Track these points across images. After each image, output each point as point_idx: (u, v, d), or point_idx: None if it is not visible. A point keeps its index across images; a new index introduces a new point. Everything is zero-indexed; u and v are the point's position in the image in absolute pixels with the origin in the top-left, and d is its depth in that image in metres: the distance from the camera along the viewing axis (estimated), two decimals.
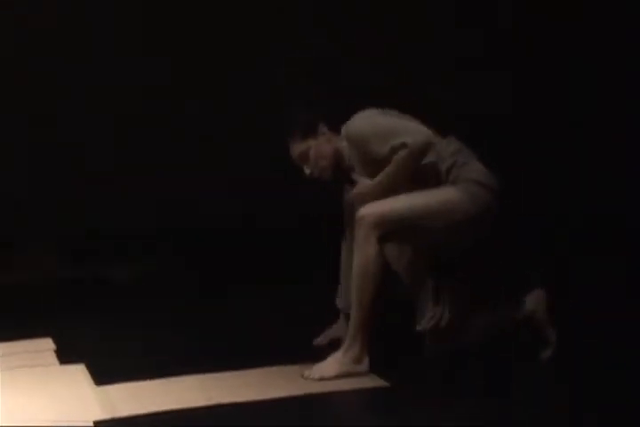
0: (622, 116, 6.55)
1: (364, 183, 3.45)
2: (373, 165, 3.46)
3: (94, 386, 3.25)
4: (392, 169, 3.33)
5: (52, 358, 3.68)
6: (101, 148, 5.74)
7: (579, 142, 6.47)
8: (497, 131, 6.28)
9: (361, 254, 3.36)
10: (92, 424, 2.85)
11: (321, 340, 3.66)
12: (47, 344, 3.86)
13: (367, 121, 3.47)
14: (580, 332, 3.72)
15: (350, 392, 3.16)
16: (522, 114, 6.48)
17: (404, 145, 3.29)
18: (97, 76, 5.77)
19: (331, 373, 3.24)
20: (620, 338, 3.76)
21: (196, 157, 6.01)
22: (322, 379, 3.25)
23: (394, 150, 3.31)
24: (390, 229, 3.37)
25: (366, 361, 3.31)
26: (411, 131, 3.32)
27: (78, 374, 3.42)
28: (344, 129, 3.51)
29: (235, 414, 2.96)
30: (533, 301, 3.49)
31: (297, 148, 3.55)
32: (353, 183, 3.58)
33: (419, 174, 3.36)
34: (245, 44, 6.20)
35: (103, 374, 3.33)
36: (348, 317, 3.53)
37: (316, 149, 3.54)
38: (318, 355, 3.39)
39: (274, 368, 3.37)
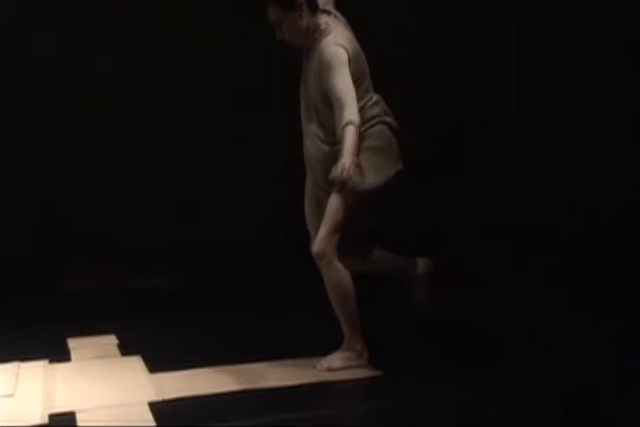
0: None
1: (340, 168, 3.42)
2: (314, 87, 3.58)
3: (148, 374, 3.59)
4: (351, 140, 3.37)
5: (115, 350, 4.02)
6: (156, 167, 5.77)
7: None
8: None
9: (331, 281, 3.56)
10: (146, 405, 3.20)
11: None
12: (111, 340, 4.19)
13: (337, 71, 3.46)
14: None
15: (352, 380, 3.47)
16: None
17: (350, 122, 3.36)
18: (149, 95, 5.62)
19: (337, 365, 3.53)
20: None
21: (242, 171, 5.99)
22: (330, 370, 3.52)
23: (343, 121, 3.38)
24: (337, 238, 3.52)
25: (366, 355, 3.58)
26: (352, 109, 3.37)
27: (135, 363, 3.75)
28: (322, 43, 3.50)
29: (260, 397, 3.29)
30: (422, 264, 3.83)
31: (274, 14, 3.54)
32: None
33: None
34: None
35: (155, 364, 3.67)
36: None
37: (291, 23, 3.52)
38: (326, 351, 3.63)
39: (289, 361, 3.67)
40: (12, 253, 5.46)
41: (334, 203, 3.49)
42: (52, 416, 3.14)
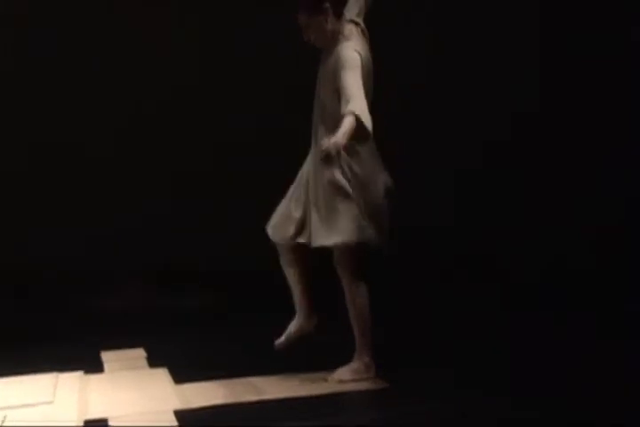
0: None
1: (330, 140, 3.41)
2: (326, 86, 3.63)
3: (174, 384, 3.74)
4: (348, 126, 3.38)
5: (144, 363, 4.18)
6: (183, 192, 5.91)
7: None
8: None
9: (352, 296, 3.67)
10: (172, 413, 3.32)
11: (280, 342, 3.85)
12: (140, 353, 4.34)
13: (352, 66, 3.50)
14: None
15: (360, 391, 3.61)
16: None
17: (352, 113, 3.40)
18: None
19: (347, 377, 3.68)
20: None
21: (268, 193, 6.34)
22: (340, 382, 3.66)
23: (346, 110, 3.41)
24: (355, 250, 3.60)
25: (374, 368, 3.72)
26: (359, 104, 3.41)
27: (162, 375, 3.90)
28: (341, 47, 3.57)
29: (277, 407, 3.43)
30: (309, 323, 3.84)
31: (302, 17, 3.62)
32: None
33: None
34: None
35: (181, 375, 3.82)
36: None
37: (318, 26, 3.60)
38: (337, 365, 3.76)
39: (303, 374, 3.80)
40: (49, 269, 5.65)
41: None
42: (86, 422, 3.29)
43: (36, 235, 5.93)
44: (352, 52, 3.56)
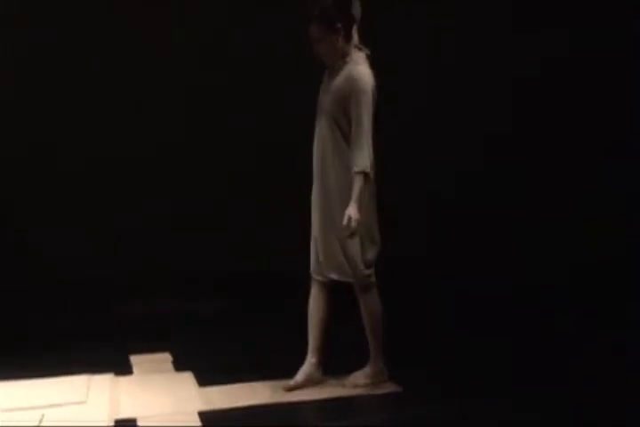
0: None
1: (350, 215, 3.53)
2: (333, 98, 3.68)
3: (198, 387, 3.85)
4: (358, 189, 3.56)
5: (170, 366, 4.27)
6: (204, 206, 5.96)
7: None
8: None
9: (367, 305, 3.77)
10: (196, 414, 3.45)
11: (290, 385, 3.81)
12: (166, 357, 4.43)
13: (365, 102, 3.59)
14: None
15: (374, 395, 3.74)
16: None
17: (361, 172, 3.55)
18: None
19: (362, 381, 3.80)
20: None
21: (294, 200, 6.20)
22: (356, 386, 3.79)
23: (354, 168, 3.57)
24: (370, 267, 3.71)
25: (386, 372, 3.85)
26: (364, 152, 3.56)
27: (187, 378, 4.00)
28: (353, 68, 3.65)
29: (296, 409, 3.58)
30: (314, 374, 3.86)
31: (316, 31, 3.64)
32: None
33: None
34: None
35: (205, 379, 3.93)
36: (321, 285, 3.79)
37: (329, 43, 3.65)
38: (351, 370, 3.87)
39: (323, 377, 3.86)
40: (80, 277, 5.75)
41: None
42: (117, 422, 3.43)
43: (69, 241, 6.00)
44: (365, 75, 3.64)
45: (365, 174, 3.59)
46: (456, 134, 6.38)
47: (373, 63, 3.74)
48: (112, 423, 3.39)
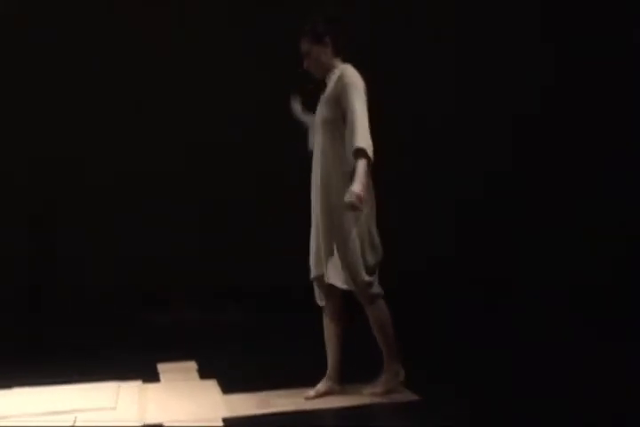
0: None
1: (353, 193, 3.47)
2: (327, 105, 3.70)
3: (222, 394, 3.94)
4: (362, 169, 3.50)
5: (195, 374, 4.37)
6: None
7: None
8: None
9: (375, 315, 3.75)
10: (220, 421, 3.52)
11: (311, 395, 3.85)
12: (192, 365, 4.55)
13: (356, 93, 3.58)
14: None
15: (392, 404, 3.77)
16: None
17: (361, 151, 3.50)
18: None
19: (379, 389, 3.85)
20: None
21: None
22: (374, 394, 3.82)
23: (354, 152, 3.50)
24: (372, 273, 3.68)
25: (403, 373, 3.85)
26: (365, 136, 3.50)
27: (211, 386, 4.09)
28: (341, 70, 3.69)
29: (316, 417, 3.62)
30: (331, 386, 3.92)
31: (305, 45, 3.75)
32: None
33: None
34: None
35: (228, 387, 4.02)
36: (326, 289, 3.76)
37: (317, 55, 3.75)
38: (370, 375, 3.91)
39: (345, 385, 3.93)
40: (111, 289, 5.87)
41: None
42: None
43: (99, 253, 6.09)
44: (356, 76, 3.66)
45: (367, 156, 3.50)
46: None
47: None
48: None
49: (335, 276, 3.75)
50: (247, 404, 3.79)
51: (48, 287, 5.94)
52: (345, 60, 3.80)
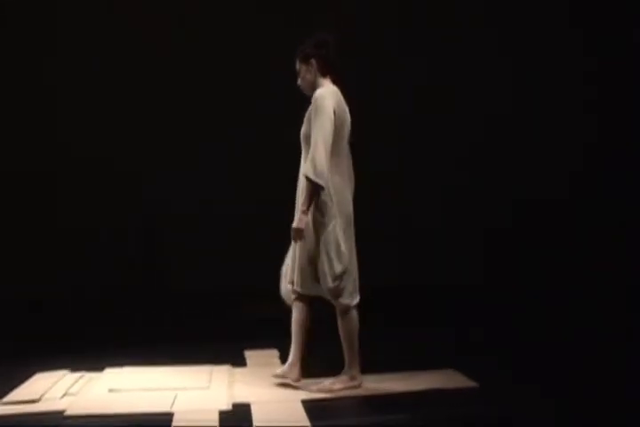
0: None
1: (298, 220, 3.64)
2: (306, 122, 3.79)
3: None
4: (306, 197, 3.65)
5: (277, 360, 4.53)
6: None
7: None
8: None
9: (345, 331, 3.81)
10: (300, 402, 3.64)
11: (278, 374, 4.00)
12: (274, 352, 4.74)
13: (320, 118, 3.64)
14: None
15: (449, 389, 3.88)
16: None
17: (307, 178, 3.62)
18: None
19: (338, 387, 3.88)
20: None
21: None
22: (331, 391, 3.82)
23: (305, 177, 3.63)
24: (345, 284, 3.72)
25: (360, 378, 3.91)
26: (315, 164, 3.57)
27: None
28: (317, 92, 3.77)
29: (379, 400, 3.73)
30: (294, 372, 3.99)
31: (297, 65, 3.90)
32: None
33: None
34: None
35: (306, 372, 4.02)
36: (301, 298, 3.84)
37: (304, 75, 3.90)
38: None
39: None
40: (205, 287, 6.09)
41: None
42: (234, 405, 3.69)
43: (196, 254, 6.29)
44: (327, 100, 3.71)
45: (313, 182, 3.60)
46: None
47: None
48: (230, 407, 3.66)
49: (303, 283, 3.84)
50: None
51: (161, 284, 6.17)
52: (337, 78, 3.92)
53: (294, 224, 3.72)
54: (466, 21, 6.32)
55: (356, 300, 3.90)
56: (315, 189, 3.69)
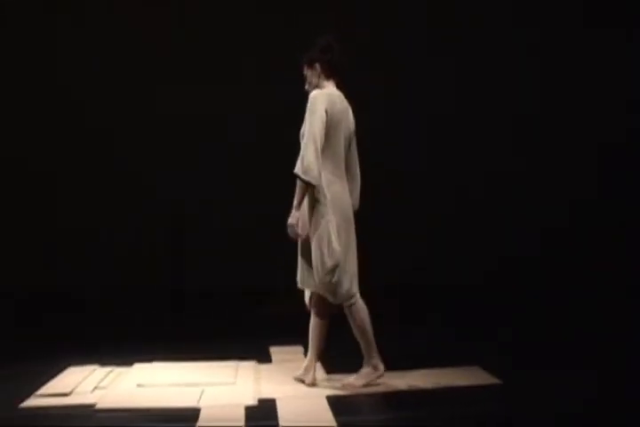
0: None
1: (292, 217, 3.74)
2: (305, 121, 3.87)
3: (326, 374, 4.13)
4: (298, 194, 3.75)
5: (302, 356, 4.51)
6: None
7: None
8: None
9: (354, 324, 3.86)
10: (324, 398, 3.68)
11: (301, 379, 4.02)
12: (299, 349, 4.76)
13: (312, 120, 3.73)
14: None
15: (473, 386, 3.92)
16: None
17: (296, 175, 3.71)
18: None
19: (361, 382, 3.91)
20: None
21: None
22: (354, 387, 3.86)
23: (296, 176, 3.72)
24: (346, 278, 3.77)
25: (382, 367, 3.92)
26: (306, 161, 3.65)
27: (316, 366, 4.05)
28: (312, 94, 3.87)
29: (403, 397, 3.78)
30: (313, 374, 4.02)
31: (303, 69, 3.99)
32: None
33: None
34: None
35: (331, 367, 4.15)
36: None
37: (309, 79, 4.00)
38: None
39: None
40: (230, 287, 6.18)
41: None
42: (259, 400, 3.74)
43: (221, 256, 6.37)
44: (319, 103, 3.79)
45: (301, 179, 3.70)
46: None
47: None
48: (256, 402, 3.72)
49: (304, 278, 3.93)
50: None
51: (192, 288, 6.31)
52: (342, 81, 3.99)
53: (287, 222, 3.83)
54: (466, 21, 6.38)
55: (354, 298, 3.94)
56: (304, 186, 3.78)
